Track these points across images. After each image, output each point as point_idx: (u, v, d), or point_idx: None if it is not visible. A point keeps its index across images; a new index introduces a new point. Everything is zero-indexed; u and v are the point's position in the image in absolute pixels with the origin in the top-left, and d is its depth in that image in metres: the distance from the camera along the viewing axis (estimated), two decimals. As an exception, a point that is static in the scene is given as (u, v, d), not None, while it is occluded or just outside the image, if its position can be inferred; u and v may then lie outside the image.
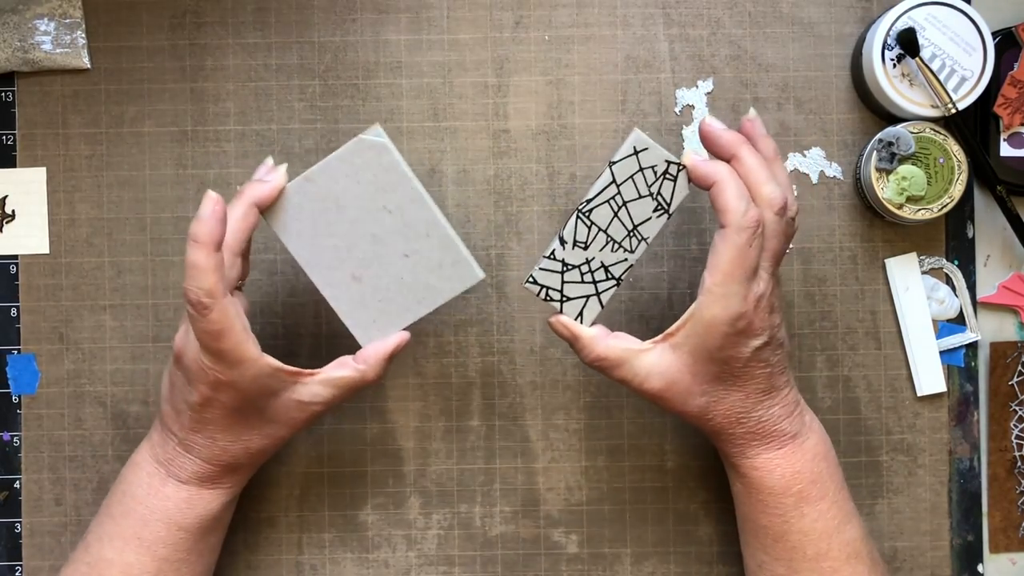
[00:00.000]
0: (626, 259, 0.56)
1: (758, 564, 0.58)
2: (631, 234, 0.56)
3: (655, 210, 0.56)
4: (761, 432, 0.56)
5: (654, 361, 0.55)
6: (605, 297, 0.57)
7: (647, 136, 0.55)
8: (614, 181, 0.55)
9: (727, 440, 0.57)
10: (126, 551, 0.57)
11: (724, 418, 0.56)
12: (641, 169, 0.55)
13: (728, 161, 0.55)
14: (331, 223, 0.57)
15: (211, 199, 0.52)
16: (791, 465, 0.56)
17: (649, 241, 0.56)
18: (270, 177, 0.56)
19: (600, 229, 0.56)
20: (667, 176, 0.55)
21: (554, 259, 0.56)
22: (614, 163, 0.55)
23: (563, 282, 0.56)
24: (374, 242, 0.57)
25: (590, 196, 0.55)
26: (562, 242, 0.56)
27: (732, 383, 0.55)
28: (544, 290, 0.56)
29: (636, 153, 0.55)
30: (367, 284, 0.57)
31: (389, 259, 0.57)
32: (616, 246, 0.56)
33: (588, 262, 0.56)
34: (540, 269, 0.56)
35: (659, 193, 0.56)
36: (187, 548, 0.58)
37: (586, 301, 0.57)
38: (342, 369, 0.56)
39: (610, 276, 0.56)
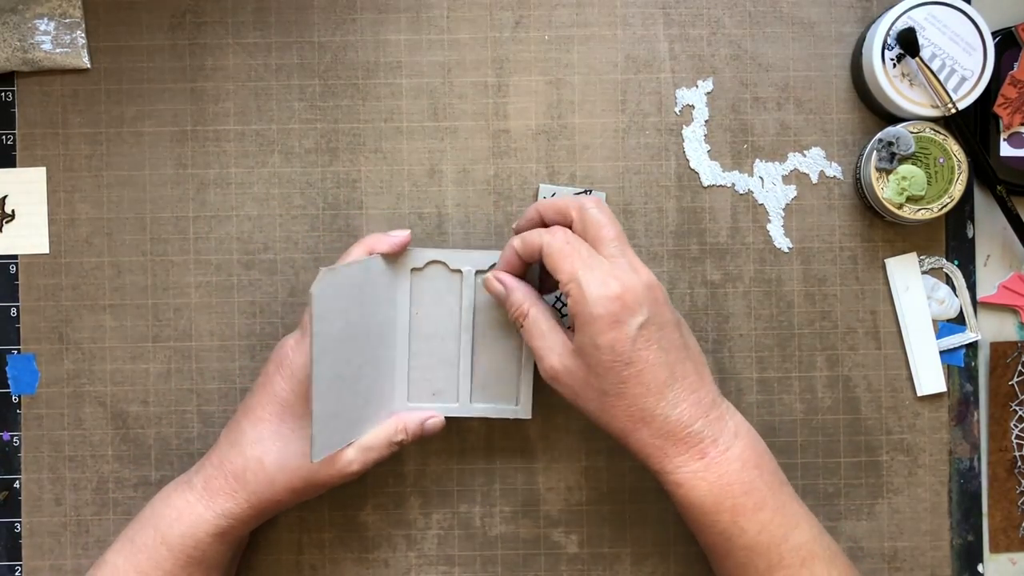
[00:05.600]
0: None
1: None
2: None
3: None
4: (671, 435, 0.53)
5: (560, 341, 0.55)
6: None
7: (551, 185, 0.64)
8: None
9: (641, 451, 0.54)
10: (121, 552, 0.58)
11: (627, 419, 0.54)
12: None
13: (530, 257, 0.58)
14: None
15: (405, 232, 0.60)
16: (717, 477, 0.53)
17: None
18: (396, 233, 0.60)
19: None
20: None
21: None
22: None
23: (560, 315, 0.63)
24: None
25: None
26: None
27: (627, 375, 0.53)
28: None
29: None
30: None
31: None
32: None
33: (558, 298, 0.64)
34: None
35: None
36: (166, 570, 0.57)
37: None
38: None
39: None
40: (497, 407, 0.62)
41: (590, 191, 0.64)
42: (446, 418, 0.61)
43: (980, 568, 0.65)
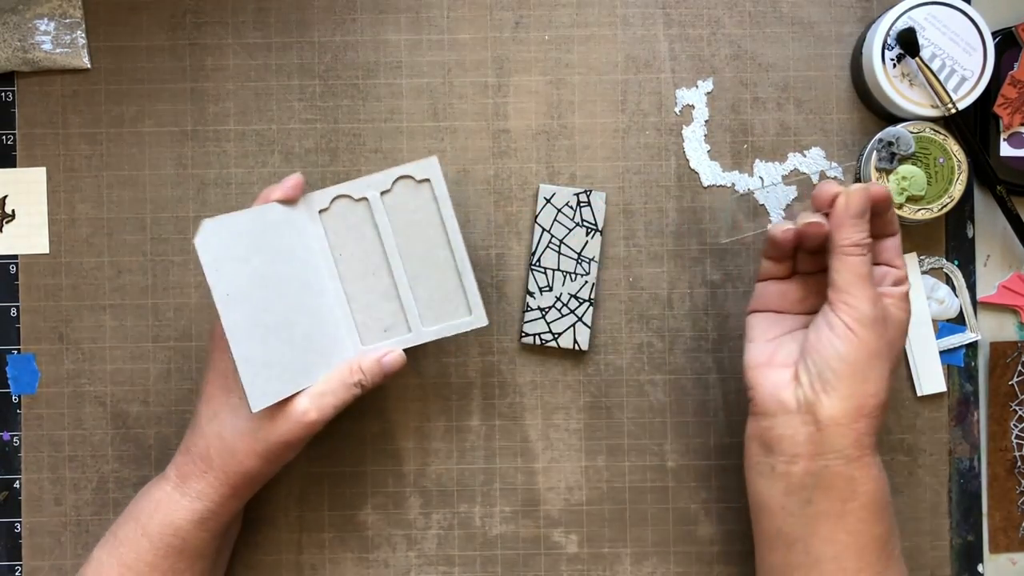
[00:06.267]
0: (587, 280, 0.64)
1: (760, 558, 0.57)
2: (579, 260, 0.64)
3: (587, 233, 0.64)
4: (878, 437, 0.55)
5: (878, 296, 0.55)
6: (587, 318, 0.64)
7: (550, 185, 0.64)
8: (544, 230, 0.64)
9: (867, 431, 0.54)
10: (104, 547, 0.58)
11: (885, 399, 0.54)
12: (559, 210, 0.64)
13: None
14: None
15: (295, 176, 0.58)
16: (884, 477, 0.55)
17: (596, 258, 0.64)
18: (286, 179, 0.59)
19: (553, 269, 0.64)
20: (581, 204, 0.64)
21: (531, 310, 0.64)
22: (537, 217, 0.64)
23: (548, 324, 0.64)
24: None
25: (533, 250, 0.63)
26: (530, 295, 0.64)
27: (892, 370, 0.55)
28: (535, 337, 0.64)
29: (548, 201, 0.64)
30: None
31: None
32: (573, 275, 0.64)
33: (558, 298, 0.64)
34: (525, 323, 0.64)
35: (583, 219, 0.64)
36: (148, 562, 0.56)
37: (574, 328, 0.64)
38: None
39: (581, 299, 0.64)
40: (451, 324, 0.60)
41: (590, 191, 0.64)
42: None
43: (980, 568, 0.65)
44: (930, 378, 0.64)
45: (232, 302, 0.55)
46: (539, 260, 0.64)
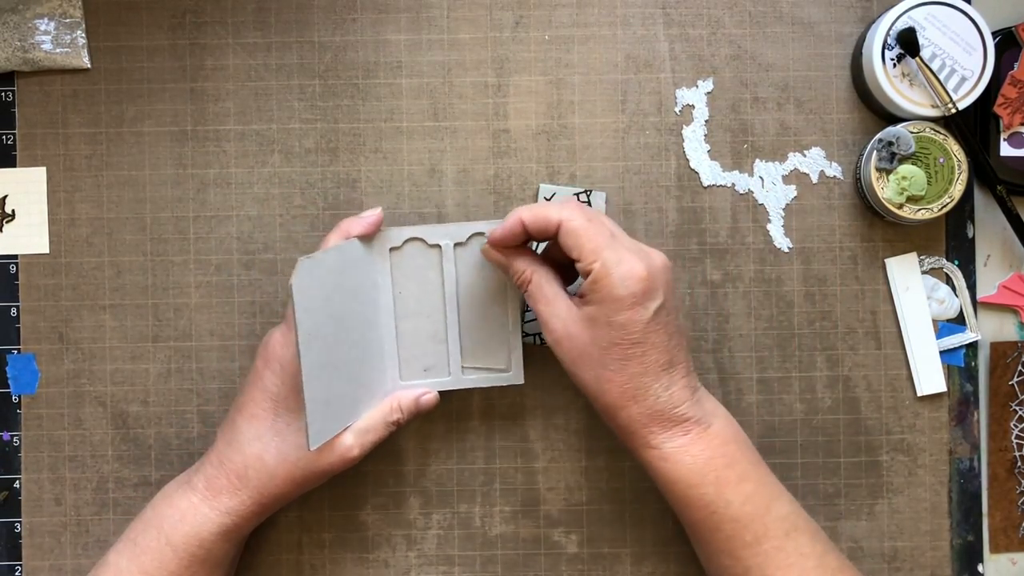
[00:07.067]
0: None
1: (706, 560, 0.57)
2: None
3: None
4: (660, 414, 0.54)
5: (564, 307, 0.56)
6: None
7: (551, 185, 0.64)
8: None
9: (628, 427, 0.55)
10: (124, 553, 0.58)
11: (620, 394, 0.54)
12: None
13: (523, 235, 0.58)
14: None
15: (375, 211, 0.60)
16: (700, 452, 0.55)
17: None
18: (367, 213, 0.60)
19: None
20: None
21: (531, 310, 0.62)
22: None
23: None
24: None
25: (533, 250, 0.61)
26: None
27: (632, 353, 0.54)
28: (535, 337, 0.64)
29: (548, 201, 0.63)
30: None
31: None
32: None
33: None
34: (526, 323, 0.64)
35: None
36: (171, 571, 0.57)
37: None
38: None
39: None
40: (489, 376, 0.62)
41: (590, 191, 0.64)
42: (441, 394, 0.61)
43: (980, 568, 0.65)
44: (930, 378, 0.64)
45: (311, 341, 0.55)
46: None
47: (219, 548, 0.58)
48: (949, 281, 0.65)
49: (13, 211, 0.65)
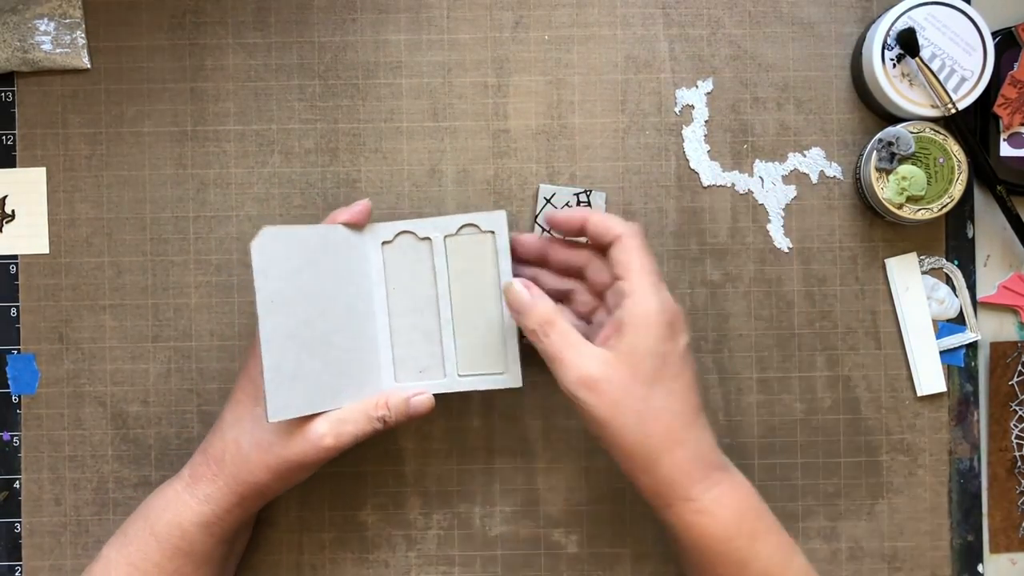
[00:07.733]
0: None
1: None
2: None
3: None
4: (702, 459, 0.53)
5: (594, 350, 0.53)
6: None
7: (550, 185, 0.64)
8: (545, 230, 0.64)
9: (668, 475, 0.52)
10: (114, 545, 0.58)
11: (666, 436, 0.52)
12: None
13: (577, 231, 0.57)
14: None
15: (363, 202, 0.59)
16: (735, 503, 0.53)
17: None
18: (355, 204, 0.59)
19: None
20: (581, 204, 0.64)
21: None
22: (537, 217, 0.64)
23: None
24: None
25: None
26: None
27: (675, 388, 0.52)
28: None
29: (548, 201, 0.64)
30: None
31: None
32: None
33: None
34: None
35: None
36: (155, 562, 0.56)
37: None
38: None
39: None
40: (485, 378, 0.60)
41: (590, 191, 0.64)
42: (439, 395, 0.59)
43: (980, 568, 0.65)
44: (930, 378, 0.64)
45: (274, 309, 0.55)
46: None
47: (200, 540, 0.57)
48: (949, 281, 0.65)
49: (13, 211, 0.65)
